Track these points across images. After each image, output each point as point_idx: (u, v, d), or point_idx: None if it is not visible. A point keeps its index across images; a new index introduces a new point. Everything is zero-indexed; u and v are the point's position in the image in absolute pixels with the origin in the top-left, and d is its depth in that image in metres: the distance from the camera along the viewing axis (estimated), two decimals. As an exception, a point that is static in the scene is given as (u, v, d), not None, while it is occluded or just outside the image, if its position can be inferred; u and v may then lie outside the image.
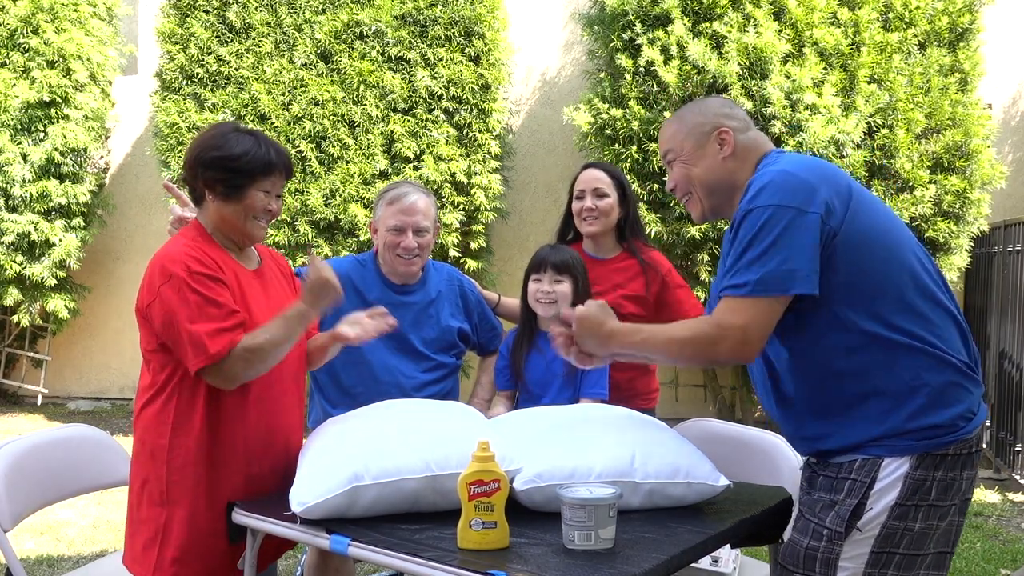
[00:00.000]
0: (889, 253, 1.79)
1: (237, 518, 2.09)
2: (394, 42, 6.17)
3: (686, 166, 1.98)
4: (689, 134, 1.97)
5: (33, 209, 6.69)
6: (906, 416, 1.75)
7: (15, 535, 2.38)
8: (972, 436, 1.79)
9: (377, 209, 2.80)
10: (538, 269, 2.70)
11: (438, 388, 2.79)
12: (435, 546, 1.77)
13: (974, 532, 4.41)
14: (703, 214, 2.01)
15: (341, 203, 6.01)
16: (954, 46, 5.61)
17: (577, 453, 2.00)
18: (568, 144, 6.61)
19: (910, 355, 1.76)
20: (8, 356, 7.58)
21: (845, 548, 1.77)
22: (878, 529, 1.75)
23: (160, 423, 2.13)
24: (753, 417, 6.33)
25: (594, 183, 2.89)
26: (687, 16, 5.49)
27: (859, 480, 1.77)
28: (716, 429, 2.68)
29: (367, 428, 2.15)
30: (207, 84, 6.38)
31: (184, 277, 2.05)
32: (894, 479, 1.75)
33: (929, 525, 1.76)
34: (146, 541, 2.14)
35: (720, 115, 1.97)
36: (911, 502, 1.75)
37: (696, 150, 1.96)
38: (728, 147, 1.94)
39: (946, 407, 1.76)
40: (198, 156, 2.17)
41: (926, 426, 1.75)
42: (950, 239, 5.42)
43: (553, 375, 2.65)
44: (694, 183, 1.98)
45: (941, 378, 1.76)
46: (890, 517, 1.75)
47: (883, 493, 1.75)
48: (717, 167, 1.95)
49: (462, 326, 2.87)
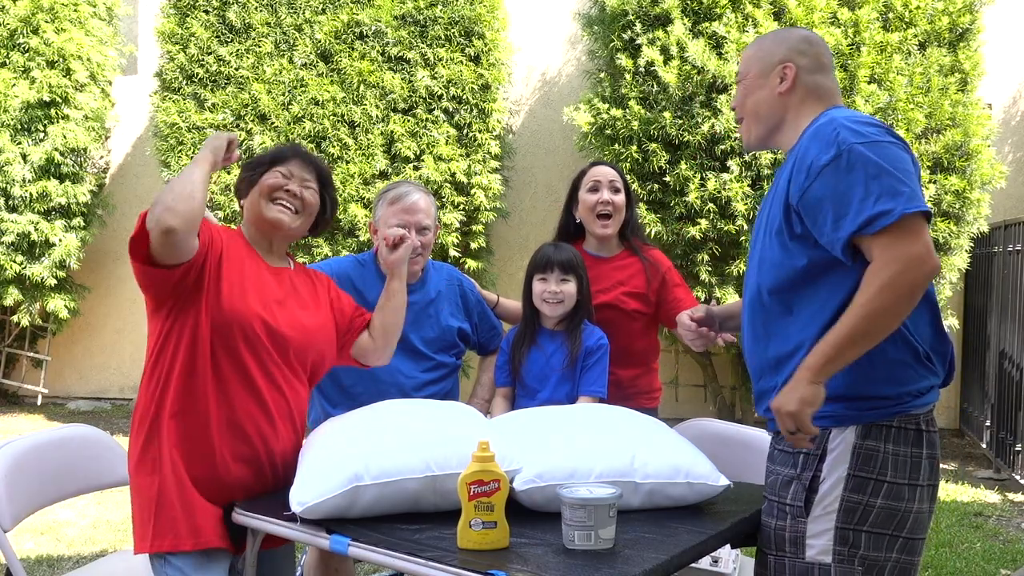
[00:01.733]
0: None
1: (237, 518, 2.09)
2: (394, 42, 6.17)
3: (746, 91, 2.00)
4: (759, 60, 1.99)
5: (33, 209, 6.69)
6: (852, 381, 1.76)
7: (15, 535, 2.38)
8: (919, 414, 1.79)
9: (378, 209, 2.80)
10: (543, 268, 2.69)
11: (438, 388, 2.79)
12: (435, 546, 1.77)
13: (974, 532, 4.41)
14: (750, 141, 2.04)
15: (341, 203, 6.00)
16: (954, 46, 5.61)
17: (577, 453, 2.00)
18: (568, 144, 6.61)
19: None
20: (8, 356, 7.58)
21: (809, 525, 1.79)
22: (838, 503, 1.77)
23: (153, 389, 2.12)
24: (753, 417, 6.33)
25: (609, 176, 2.92)
26: (687, 16, 5.49)
27: (810, 453, 1.79)
28: (716, 429, 2.68)
29: (367, 428, 2.14)
30: (207, 84, 6.38)
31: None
32: (843, 449, 1.77)
33: (895, 505, 1.77)
34: (143, 516, 2.11)
35: (794, 50, 1.96)
36: (865, 474, 1.76)
37: (759, 77, 1.98)
38: (787, 83, 1.93)
39: (893, 383, 1.77)
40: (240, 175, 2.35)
41: (869, 395, 1.76)
42: (950, 239, 5.42)
43: (551, 370, 2.66)
44: (747, 109, 2.00)
45: (897, 354, 1.76)
46: (846, 489, 1.76)
47: (835, 464, 1.77)
48: (771, 99, 1.95)
49: (462, 326, 2.87)
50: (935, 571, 3.84)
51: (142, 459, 2.13)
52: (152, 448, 2.11)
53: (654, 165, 5.41)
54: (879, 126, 1.78)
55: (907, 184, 1.69)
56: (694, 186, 5.33)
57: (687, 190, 5.36)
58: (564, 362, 2.63)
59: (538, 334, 2.72)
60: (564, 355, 2.65)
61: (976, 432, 6.11)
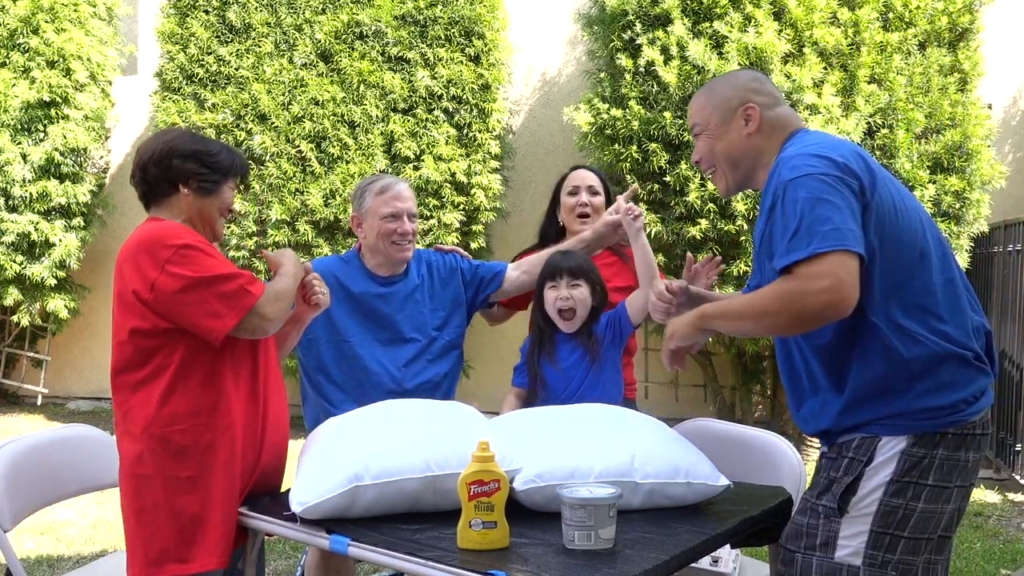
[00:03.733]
0: (912, 237, 1.79)
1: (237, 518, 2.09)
2: (394, 42, 6.17)
3: (711, 140, 2.00)
4: (716, 108, 1.99)
5: (33, 209, 6.69)
6: (905, 400, 1.76)
7: (15, 535, 2.38)
8: (976, 419, 1.78)
9: (362, 201, 2.81)
10: (553, 276, 2.69)
11: (432, 372, 2.79)
12: (435, 546, 1.77)
13: (974, 532, 4.41)
14: (728, 188, 2.03)
15: (341, 203, 6.01)
16: (954, 46, 5.61)
17: (577, 453, 2.00)
18: (568, 144, 6.60)
19: (915, 348, 1.76)
20: (8, 356, 7.58)
21: (843, 526, 1.77)
22: (875, 506, 1.75)
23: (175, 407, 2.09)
24: (753, 417, 6.33)
25: (588, 180, 3.08)
26: (687, 16, 5.49)
27: (856, 459, 1.78)
28: (716, 429, 2.68)
29: (367, 428, 2.15)
30: (207, 84, 6.38)
31: (189, 243, 2.09)
32: (890, 456, 1.76)
33: (933, 508, 1.76)
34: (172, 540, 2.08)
35: (748, 90, 1.98)
36: (908, 479, 1.75)
37: (722, 125, 1.98)
38: (753, 123, 1.95)
39: (947, 391, 1.76)
40: (172, 149, 2.21)
41: (925, 408, 1.76)
42: (950, 239, 5.42)
43: (571, 377, 2.65)
44: (718, 158, 2.00)
45: (944, 369, 1.76)
46: (886, 494, 1.75)
47: (879, 469, 1.76)
48: (742, 142, 1.96)
49: (456, 295, 2.89)
50: (935, 571, 3.84)
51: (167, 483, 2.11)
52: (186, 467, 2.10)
53: (654, 165, 5.41)
54: (824, 157, 1.76)
55: (826, 223, 1.68)
56: (694, 186, 5.33)
57: (687, 190, 5.35)
58: (585, 362, 2.64)
59: (554, 342, 2.71)
60: (582, 354, 2.65)
61: (976, 432, 6.10)
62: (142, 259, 2.08)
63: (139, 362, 2.11)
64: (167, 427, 2.09)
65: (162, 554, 2.08)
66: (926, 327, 1.77)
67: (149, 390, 2.11)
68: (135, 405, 2.13)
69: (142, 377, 2.11)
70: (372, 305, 2.78)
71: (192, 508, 2.08)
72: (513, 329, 3.50)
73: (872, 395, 1.78)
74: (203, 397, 2.10)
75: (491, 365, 5.98)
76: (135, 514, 2.13)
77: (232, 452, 2.12)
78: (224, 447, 2.11)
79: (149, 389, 2.11)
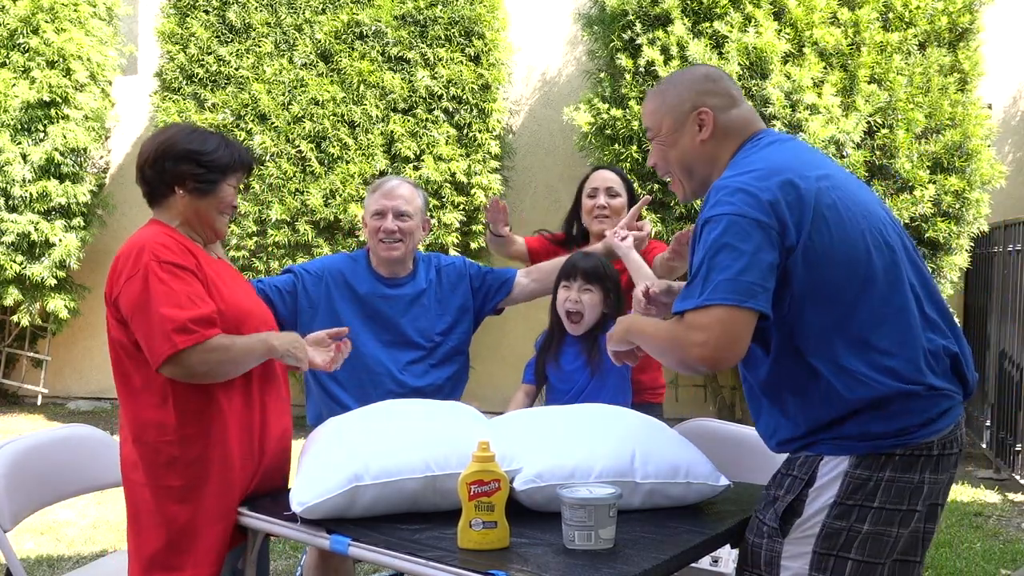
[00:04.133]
0: (853, 267, 1.68)
1: (238, 518, 2.09)
2: (394, 42, 6.17)
3: (664, 147, 1.89)
4: (668, 112, 1.87)
5: (33, 209, 6.69)
6: (847, 426, 1.68)
7: (15, 535, 2.38)
8: (929, 440, 1.68)
9: (366, 202, 2.87)
10: (568, 276, 2.67)
11: (435, 376, 2.80)
12: (435, 546, 1.77)
13: (974, 532, 4.41)
14: (685, 195, 1.93)
15: (341, 203, 6.01)
16: (954, 46, 5.61)
17: (577, 453, 2.00)
18: (568, 144, 6.60)
19: (857, 389, 1.66)
20: (8, 356, 7.57)
21: (786, 547, 1.71)
22: (817, 528, 1.68)
23: (163, 417, 2.09)
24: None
25: (607, 182, 3.06)
26: (687, 16, 5.49)
27: (799, 477, 1.72)
28: (716, 429, 2.68)
29: (367, 428, 2.15)
30: (207, 84, 6.38)
31: (154, 267, 2.04)
32: (833, 476, 1.68)
33: (882, 530, 1.67)
34: (162, 547, 2.08)
35: (702, 92, 1.84)
36: (852, 501, 1.66)
37: (674, 131, 1.86)
38: (707, 129, 1.83)
39: (893, 420, 1.67)
40: (167, 150, 2.17)
41: (867, 432, 1.67)
42: (950, 239, 5.42)
43: (574, 381, 2.65)
44: (672, 165, 1.89)
45: (889, 405, 1.67)
46: (829, 516, 1.67)
47: (821, 491, 1.69)
48: (695, 149, 1.84)
49: (463, 302, 2.87)
50: (935, 571, 3.84)
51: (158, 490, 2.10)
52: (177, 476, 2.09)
53: (654, 165, 5.41)
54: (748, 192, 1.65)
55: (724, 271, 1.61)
56: (694, 186, 5.32)
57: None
58: (588, 370, 2.62)
59: (564, 342, 2.70)
60: (585, 362, 2.63)
61: (976, 432, 6.11)
62: (119, 267, 2.09)
63: (130, 368, 2.12)
64: (159, 437, 2.09)
65: (152, 560, 2.09)
66: (870, 365, 1.66)
67: (142, 398, 2.11)
68: (129, 411, 2.14)
69: (136, 384, 2.12)
70: (376, 306, 2.78)
71: (182, 517, 2.08)
72: (514, 329, 3.51)
73: (814, 425, 1.72)
74: (193, 408, 2.09)
75: (492, 365, 5.97)
76: (131, 517, 2.15)
77: (226, 465, 2.10)
78: (216, 460, 2.09)
79: (141, 397, 2.11)
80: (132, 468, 2.13)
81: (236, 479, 2.11)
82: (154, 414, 2.09)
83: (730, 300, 1.59)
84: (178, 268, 2.07)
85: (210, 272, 2.17)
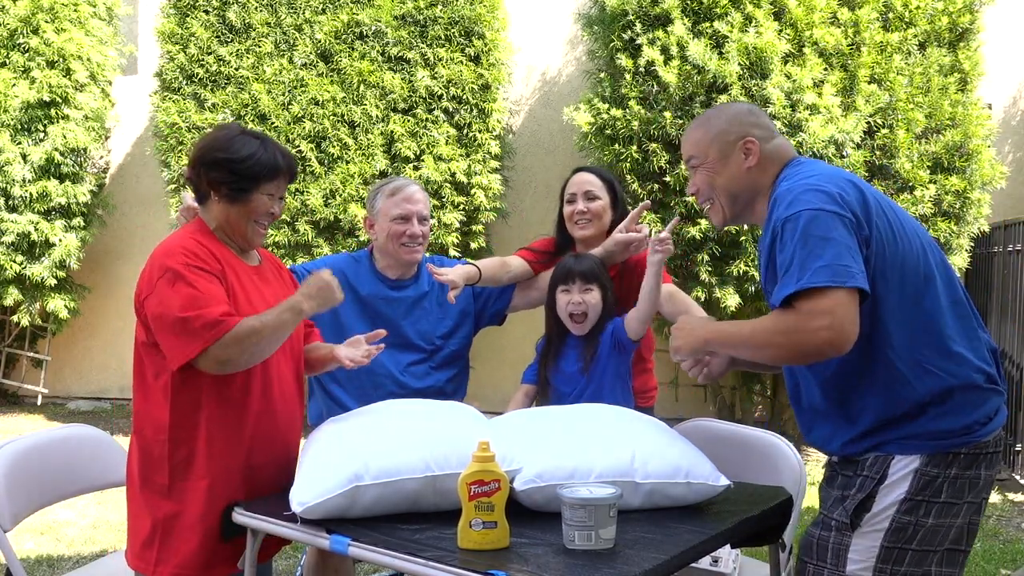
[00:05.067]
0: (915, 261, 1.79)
1: (237, 518, 2.09)
2: (394, 42, 6.17)
3: (710, 174, 1.99)
4: (714, 141, 1.98)
5: (33, 209, 6.69)
6: (918, 424, 1.77)
7: (15, 535, 2.38)
8: (988, 439, 1.79)
9: (375, 203, 2.83)
10: (565, 280, 2.67)
11: (436, 378, 2.80)
12: (435, 546, 1.77)
13: (974, 532, 4.41)
14: (724, 220, 2.03)
15: (341, 203, 6.01)
16: (954, 46, 5.61)
17: (577, 453, 2.00)
18: (568, 144, 6.61)
19: (927, 380, 1.77)
20: (8, 356, 7.58)
21: (854, 540, 1.79)
22: (887, 523, 1.77)
23: (161, 417, 2.13)
24: (753, 417, 6.33)
25: (585, 186, 2.87)
26: (687, 16, 5.49)
27: (870, 476, 1.79)
28: (716, 429, 2.68)
29: (367, 428, 2.15)
30: (207, 84, 6.38)
31: (180, 270, 2.06)
32: (904, 474, 1.77)
33: (942, 522, 1.77)
34: (147, 537, 2.14)
35: (747, 124, 1.97)
36: (921, 497, 1.76)
37: (721, 159, 1.97)
38: (753, 157, 1.95)
39: (960, 415, 1.77)
40: (203, 156, 2.18)
41: (938, 430, 1.77)
42: (950, 239, 5.42)
43: (576, 382, 2.65)
44: (717, 191, 2.00)
45: (956, 396, 1.77)
46: (899, 511, 1.76)
47: (892, 488, 1.77)
48: (741, 176, 1.96)
49: (464, 306, 2.87)
50: (935, 571, 3.84)
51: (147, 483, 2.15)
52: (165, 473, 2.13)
53: (654, 165, 5.41)
54: (819, 191, 1.76)
55: (823, 259, 1.68)
56: (694, 186, 5.33)
57: (687, 190, 5.35)
58: (586, 373, 2.62)
59: (564, 344, 2.70)
60: (583, 367, 2.64)
61: (976, 432, 6.11)
62: (149, 269, 2.12)
63: (148, 366, 2.16)
64: (155, 435, 2.14)
65: (143, 548, 2.15)
66: (940, 353, 1.77)
67: (146, 395, 2.17)
68: (139, 404, 2.20)
69: (149, 381, 2.17)
70: (379, 308, 2.78)
71: (163, 512, 2.12)
72: (514, 330, 3.50)
73: (882, 423, 1.79)
74: (186, 413, 2.12)
75: (492, 365, 5.97)
76: (128, 504, 2.22)
77: (211, 472, 2.12)
78: (200, 465, 2.12)
79: (146, 395, 2.17)
80: (131, 460, 2.22)
81: (220, 490, 2.13)
82: (155, 412, 2.14)
83: (841, 282, 1.66)
84: (201, 271, 2.09)
85: (234, 281, 2.17)
